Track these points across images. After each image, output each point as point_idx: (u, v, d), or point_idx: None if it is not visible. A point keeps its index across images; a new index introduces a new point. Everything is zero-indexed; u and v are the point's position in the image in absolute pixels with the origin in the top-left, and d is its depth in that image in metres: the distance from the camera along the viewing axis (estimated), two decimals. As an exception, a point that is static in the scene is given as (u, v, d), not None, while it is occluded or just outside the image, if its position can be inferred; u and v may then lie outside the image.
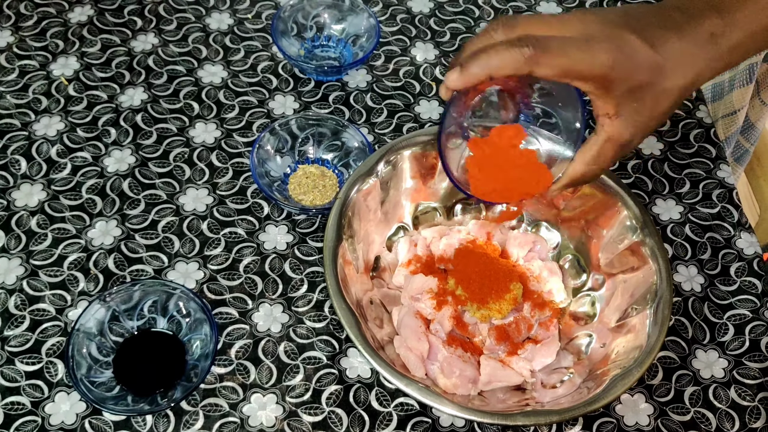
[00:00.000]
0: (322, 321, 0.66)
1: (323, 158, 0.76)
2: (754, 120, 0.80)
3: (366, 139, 0.73)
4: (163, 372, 0.61)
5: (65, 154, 0.75)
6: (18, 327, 0.64)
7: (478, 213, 0.71)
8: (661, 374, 0.65)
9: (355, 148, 0.74)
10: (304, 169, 0.75)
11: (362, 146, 0.73)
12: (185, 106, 0.80)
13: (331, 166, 0.75)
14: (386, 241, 0.69)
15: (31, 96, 0.79)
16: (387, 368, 0.55)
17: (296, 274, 0.69)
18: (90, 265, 0.68)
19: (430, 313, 0.63)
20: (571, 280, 0.68)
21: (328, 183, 0.74)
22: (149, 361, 0.62)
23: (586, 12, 0.49)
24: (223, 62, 0.84)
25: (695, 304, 0.70)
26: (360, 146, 0.73)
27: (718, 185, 0.78)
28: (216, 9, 0.89)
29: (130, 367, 0.61)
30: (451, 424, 0.62)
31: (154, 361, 0.62)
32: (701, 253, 0.73)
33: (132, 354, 0.62)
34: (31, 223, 0.70)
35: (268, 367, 0.63)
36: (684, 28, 0.49)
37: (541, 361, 0.62)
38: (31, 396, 0.61)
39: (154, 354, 0.62)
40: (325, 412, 0.62)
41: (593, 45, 0.47)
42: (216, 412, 0.61)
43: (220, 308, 0.66)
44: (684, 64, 0.49)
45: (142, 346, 0.62)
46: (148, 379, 0.60)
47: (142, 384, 0.60)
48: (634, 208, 0.64)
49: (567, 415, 0.54)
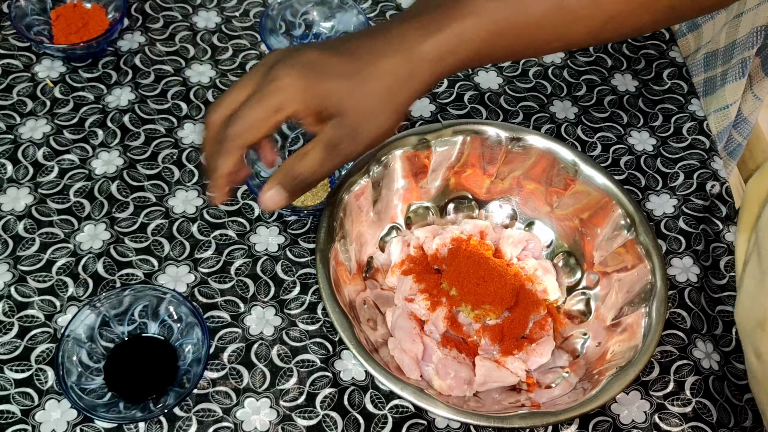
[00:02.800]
0: (316, 323, 0.66)
1: (314, 158, 0.75)
2: (746, 114, 0.80)
3: (357, 138, 0.72)
4: (155, 378, 0.60)
5: (52, 156, 0.74)
6: (6, 334, 0.63)
7: (471, 212, 0.71)
8: (657, 370, 0.65)
9: (346, 148, 0.73)
10: (295, 169, 0.74)
11: (353, 145, 0.72)
12: (173, 107, 0.79)
13: (322, 165, 0.75)
14: (379, 242, 0.68)
15: (16, 98, 0.78)
16: (381, 371, 0.54)
17: (288, 276, 0.68)
18: (79, 270, 0.67)
19: (424, 314, 0.63)
20: (565, 278, 0.68)
21: (319, 184, 0.73)
22: (141, 367, 0.61)
23: (274, 57, 0.51)
24: (211, 61, 0.83)
25: (692, 295, 0.69)
26: (351, 145, 0.73)
27: (711, 176, 0.77)
28: (203, 7, 0.87)
29: (122, 373, 0.60)
30: (447, 426, 0.61)
31: (146, 367, 0.61)
32: (696, 244, 0.73)
33: (123, 360, 0.61)
34: (18, 227, 0.69)
35: (261, 371, 0.63)
36: (375, 33, 0.51)
37: (537, 361, 0.62)
38: (20, 404, 0.60)
39: (146, 360, 0.61)
40: (319, 415, 0.61)
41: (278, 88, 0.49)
42: (209, 418, 0.60)
43: (212, 312, 0.66)
44: (378, 75, 0.49)
45: (133, 352, 0.61)
46: (139, 386, 0.60)
47: (133, 390, 0.59)
48: (628, 205, 0.63)
49: (563, 416, 0.53)
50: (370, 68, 0.49)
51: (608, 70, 0.86)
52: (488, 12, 0.49)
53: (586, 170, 0.65)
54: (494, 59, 0.52)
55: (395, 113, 0.51)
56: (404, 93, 0.50)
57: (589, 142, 0.80)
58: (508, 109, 0.82)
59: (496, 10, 0.49)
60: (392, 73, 0.49)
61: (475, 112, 0.81)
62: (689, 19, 0.51)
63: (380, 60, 0.49)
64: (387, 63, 0.49)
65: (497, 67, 0.85)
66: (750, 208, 0.60)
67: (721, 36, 0.80)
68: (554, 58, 0.87)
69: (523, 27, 0.50)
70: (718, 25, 0.82)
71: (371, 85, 0.49)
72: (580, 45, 0.55)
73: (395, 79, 0.49)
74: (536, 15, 0.49)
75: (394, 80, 0.49)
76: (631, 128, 0.81)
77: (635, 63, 0.87)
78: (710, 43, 0.83)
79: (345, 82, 0.49)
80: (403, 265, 0.66)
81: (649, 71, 0.87)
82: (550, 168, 0.67)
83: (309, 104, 0.49)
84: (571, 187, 0.66)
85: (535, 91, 0.84)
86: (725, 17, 0.80)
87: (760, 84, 0.78)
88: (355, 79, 0.49)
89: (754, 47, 0.75)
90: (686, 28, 0.88)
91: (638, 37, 0.89)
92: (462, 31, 0.49)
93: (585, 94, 0.84)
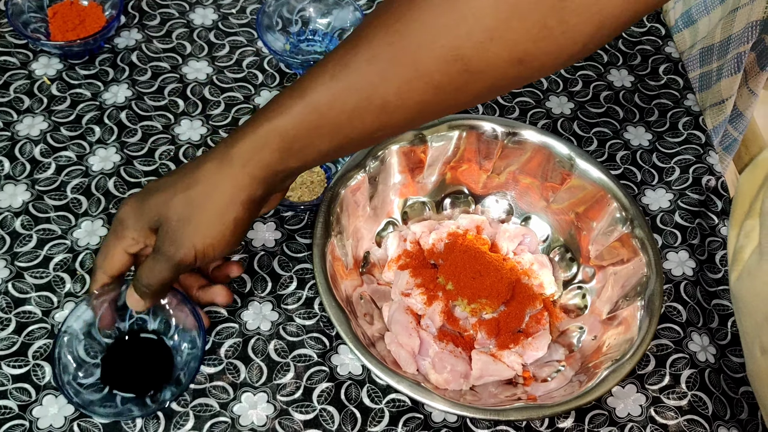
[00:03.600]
0: (312, 318, 0.66)
1: (311, 154, 0.75)
2: (742, 109, 0.80)
3: (353, 133, 0.72)
4: (152, 373, 0.60)
5: (49, 153, 0.74)
6: (4, 330, 0.63)
7: (467, 207, 0.71)
8: (653, 363, 0.65)
9: (343, 143, 0.73)
10: (292, 165, 0.74)
11: (350, 141, 0.72)
12: (170, 103, 0.79)
13: (318, 161, 0.75)
14: (375, 237, 0.69)
15: (13, 95, 0.78)
16: (378, 365, 0.55)
17: (285, 271, 0.68)
18: (76, 266, 0.67)
19: (420, 309, 0.63)
20: (561, 272, 0.68)
21: (316, 179, 0.73)
22: (138, 362, 0.61)
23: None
24: (208, 58, 0.83)
25: (687, 288, 0.70)
26: (347, 141, 0.73)
27: (707, 171, 0.78)
28: (200, 4, 0.87)
29: (119, 368, 0.60)
30: (444, 419, 0.61)
31: (143, 363, 0.61)
32: (692, 238, 0.73)
33: (120, 355, 0.61)
34: (16, 224, 0.69)
35: (258, 366, 0.63)
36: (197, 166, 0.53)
37: (533, 355, 0.62)
38: (18, 399, 0.60)
39: (143, 355, 0.61)
40: (316, 409, 0.61)
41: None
42: (206, 413, 0.60)
43: (209, 307, 0.66)
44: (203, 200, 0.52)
45: (130, 347, 0.61)
46: (137, 381, 0.60)
47: (131, 385, 0.59)
48: (624, 199, 0.63)
49: (559, 409, 0.54)
50: (188, 177, 0.53)
51: (604, 65, 0.86)
52: (292, 109, 0.49)
53: (582, 164, 0.65)
54: (317, 153, 0.51)
55: (219, 220, 0.53)
56: (225, 197, 0.52)
57: (585, 137, 0.80)
58: (504, 104, 0.82)
59: (301, 106, 0.49)
60: (207, 179, 0.52)
61: (472, 108, 0.81)
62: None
63: (199, 168, 0.52)
64: (203, 169, 0.52)
65: (493, 63, 0.85)
66: (742, 201, 0.60)
67: (716, 31, 0.80)
68: (550, 53, 0.87)
69: (321, 122, 0.49)
70: (713, 21, 0.83)
71: (189, 192, 0.52)
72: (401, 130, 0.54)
73: (211, 184, 0.52)
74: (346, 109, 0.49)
75: (210, 185, 0.52)
76: (627, 123, 0.81)
77: (631, 58, 0.87)
78: (706, 38, 0.83)
79: (165, 193, 0.53)
80: (400, 259, 0.66)
81: (644, 67, 0.87)
82: (546, 162, 0.67)
83: (142, 222, 0.54)
84: (566, 182, 0.66)
85: (531, 87, 0.84)
86: (721, 12, 0.81)
87: (755, 79, 0.79)
88: (174, 188, 0.53)
89: (749, 42, 0.75)
90: (682, 24, 0.89)
91: (633, 32, 0.90)
92: (268, 129, 0.50)
93: (581, 90, 0.84)
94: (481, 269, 0.63)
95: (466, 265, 0.63)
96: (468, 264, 0.63)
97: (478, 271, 0.63)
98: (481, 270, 0.63)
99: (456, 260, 0.64)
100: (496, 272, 0.63)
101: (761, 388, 0.57)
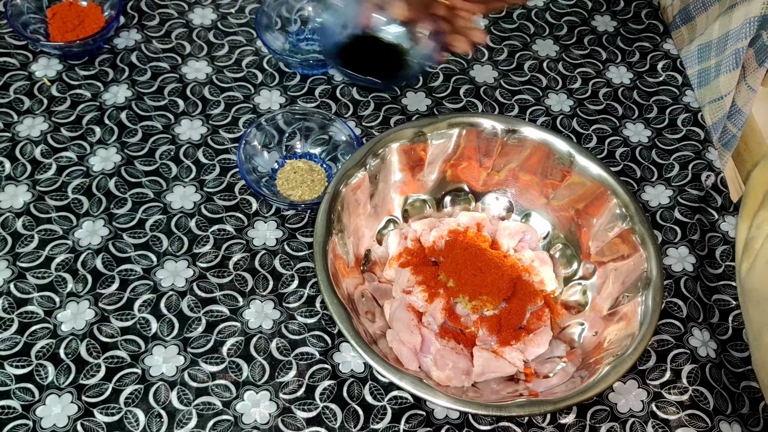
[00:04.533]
0: (314, 316, 0.66)
1: (311, 153, 0.75)
2: (741, 105, 0.80)
3: (353, 132, 0.72)
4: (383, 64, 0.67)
5: (50, 154, 0.74)
6: (6, 330, 0.63)
7: (467, 204, 0.71)
8: (654, 359, 0.65)
9: (343, 142, 0.74)
10: (292, 164, 0.74)
11: (350, 140, 0.73)
12: (170, 103, 0.79)
13: (318, 160, 0.75)
14: (376, 235, 0.69)
15: (13, 96, 0.78)
16: (380, 362, 0.55)
17: (287, 269, 0.69)
18: (78, 266, 0.67)
19: (422, 306, 0.63)
20: (562, 269, 0.68)
21: (317, 178, 0.73)
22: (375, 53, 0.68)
23: None
24: (207, 58, 0.83)
25: (688, 284, 0.70)
26: (347, 140, 0.73)
27: (706, 167, 0.78)
28: (199, 4, 0.88)
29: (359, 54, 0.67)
30: (446, 416, 0.62)
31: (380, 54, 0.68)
32: (691, 234, 0.73)
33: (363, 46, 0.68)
34: (17, 224, 0.69)
35: (260, 364, 0.63)
36: None
37: (534, 351, 0.62)
38: (21, 399, 0.60)
39: (381, 50, 0.68)
40: (319, 407, 0.61)
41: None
42: (209, 411, 0.61)
43: (211, 306, 0.66)
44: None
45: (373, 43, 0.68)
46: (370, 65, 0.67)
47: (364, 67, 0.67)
48: (623, 195, 0.64)
49: (561, 404, 0.54)
50: None
51: (603, 62, 0.87)
52: None
53: (582, 161, 0.65)
54: None
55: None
56: None
57: (585, 134, 0.80)
58: (504, 102, 0.82)
59: None
60: None
61: (471, 105, 0.82)
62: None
63: None
64: None
65: (492, 61, 0.86)
66: (754, 194, 0.61)
67: (714, 27, 0.81)
68: (549, 51, 0.87)
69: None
70: (711, 17, 0.83)
71: None
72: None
73: None
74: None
75: None
76: (626, 120, 0.82)
77: (630, 55, 0.88)
78: (704, 34, 0.83)
79: None
80: (401, 257, 0.67)
81: (643, 63, 0.87)
82: (546, 159, 0.67)
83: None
84: (566, 179, 0.67)
85: (530, 84, 0.84)
86: (719, 9, 0.81)
87: (753, 75, 0.79)
88: None
89: (747, 38, 0.75)
90: (680, 21, 0.89)
91: (632, 29, 0.90)
92: None
93: (580, 87, 0.84)
94: (482, 266, 0.63)
95: (467, 262, 0.63)
96: (469, 261, 0.63)
97: (479, 268, 0.63)
98: (482, 267, 0.63)
99: (457, 257, 0.64)
100: (497, 269, 0.63)
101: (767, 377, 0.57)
